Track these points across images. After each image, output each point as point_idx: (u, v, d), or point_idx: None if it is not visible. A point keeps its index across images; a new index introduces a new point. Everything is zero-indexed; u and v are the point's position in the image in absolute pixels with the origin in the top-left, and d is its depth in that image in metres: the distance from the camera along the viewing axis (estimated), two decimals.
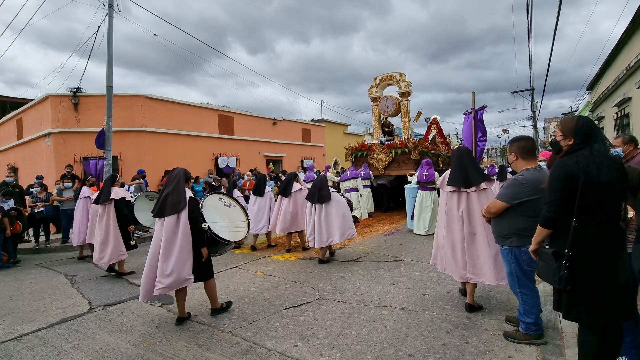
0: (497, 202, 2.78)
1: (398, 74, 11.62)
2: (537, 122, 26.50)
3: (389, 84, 12.03)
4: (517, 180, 2.70)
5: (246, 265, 5.63)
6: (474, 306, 3.44)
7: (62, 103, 10.75)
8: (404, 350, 2.75)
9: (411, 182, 8.45)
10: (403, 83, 11.46)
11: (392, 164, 10.70)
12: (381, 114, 12.16)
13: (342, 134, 23.44)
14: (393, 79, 11.74)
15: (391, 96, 11.96)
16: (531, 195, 2.60)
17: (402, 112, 11.64)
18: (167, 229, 3.31)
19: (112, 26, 8.54)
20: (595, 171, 1.81)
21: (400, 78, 11.55)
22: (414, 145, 10.22)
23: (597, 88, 13.74)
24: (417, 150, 10.16)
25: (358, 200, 9.56)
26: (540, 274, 2.11)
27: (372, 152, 11.01)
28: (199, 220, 3.45)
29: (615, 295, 1.83)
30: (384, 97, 12.03)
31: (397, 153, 10.48)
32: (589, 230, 1.87)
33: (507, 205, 2.71)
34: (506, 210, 2.74)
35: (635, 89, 8.22)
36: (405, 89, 11.45)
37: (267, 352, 2.82)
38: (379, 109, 12.12)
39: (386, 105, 11.90)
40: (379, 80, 12.02)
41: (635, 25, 8.11)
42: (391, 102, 11.84)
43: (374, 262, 5.45)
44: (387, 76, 11.85)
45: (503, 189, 2.81)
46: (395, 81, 11.69)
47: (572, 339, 2.65)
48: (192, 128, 13.12)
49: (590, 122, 2.02)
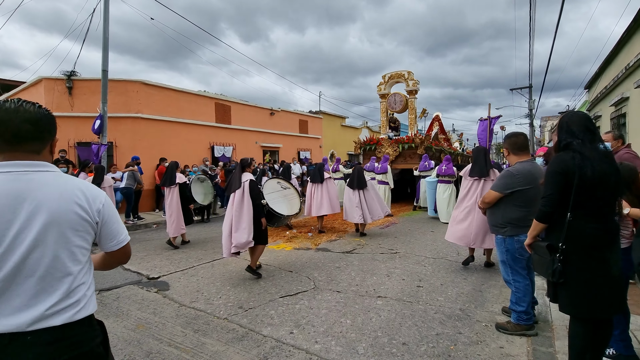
0: (492, 192, 2.94)
1: (406, 72, 12.29)
2: (533, 120, 26.60)
3: (397, 81, 12.66)
4: (510, 171, 2.87)
5: (242, 254, 5.65)
6: (490, 263, 4.67)
7: (56, 87, 10.55)
8: (397, 339, 2.80)
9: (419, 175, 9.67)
10: (411, 81, 12.13)
11: (398, 158, 11.37)
12: (389, 110, 12.83)
13: (340, 126, 23.36)
14: (401, 77, 12.41)
15: (399, 93, 12.66)
16: (523, 185, 2.76)
17: (409, 109, 12.34)
18: (236, 203, 4.31)
19: (108, 7, 8.36)
20: (589, 166, 1.83)
21: (408, 76, 12.22)
22: (420, 141, 10.95)
23: (595, 87, 13.80)
24: (423, 146, 10.85)
25: None
26: (535, 267, 2.15)
27: (380, 147, 11.70)
28: (258, 197, 4.43)
29: (608, 289, 1.86)
30: (393, 94, 12.73)
31: (405, 148, 11.18)
32: (583, 225, 1.89)
33: (501, 195, 2.86)
34: (500, 201, 2.89)
35: (633, 89, 8.26)
36: (412, 87, 12.12)
37: (263, 338, 2.85)
38: (387, 105, 12.79)
39: (394, 102, 12.60)
40: (387, 77, 12.68)
41: (636, 25, 8.11)
42: (399, 99, 12.55)
43: (369, 254, 5.50)
44: (396, 74, 12.53)
45: (497, 180, 3.01)
46: (403, 79, 12.37)
47: (562, 331, 2.72)
48: (189, 116, 12.98)
49: (587, 117, 2.03)
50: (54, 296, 1.05)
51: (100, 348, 1.15)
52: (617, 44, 9.78)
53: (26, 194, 1.05)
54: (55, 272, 1.06)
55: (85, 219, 1.13)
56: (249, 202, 4.27)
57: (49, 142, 1.16)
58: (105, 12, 8.34)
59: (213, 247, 6.18)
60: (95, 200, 1.17)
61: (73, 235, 1.10)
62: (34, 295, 1.03)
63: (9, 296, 1.01)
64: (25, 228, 1.03)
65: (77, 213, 1.11)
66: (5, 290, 1.01)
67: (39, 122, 1.10)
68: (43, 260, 1.05)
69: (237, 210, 4.27)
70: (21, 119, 1.06)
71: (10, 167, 1.06)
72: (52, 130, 1.16)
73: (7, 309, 1.00)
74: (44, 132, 1.12)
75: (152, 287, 4.16)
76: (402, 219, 8.98)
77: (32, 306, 1.02)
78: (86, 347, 1.09)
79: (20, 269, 1.02)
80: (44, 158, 1.14)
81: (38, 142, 1.11)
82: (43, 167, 1.11)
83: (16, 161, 1.07)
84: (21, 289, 1.02)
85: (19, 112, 1.07)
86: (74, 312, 1.07)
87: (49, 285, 1.05)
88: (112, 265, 1.34)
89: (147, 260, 5.38)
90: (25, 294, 1.02)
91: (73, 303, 1.08)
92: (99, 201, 1.18)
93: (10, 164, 1.06)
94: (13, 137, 1.06)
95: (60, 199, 1.08)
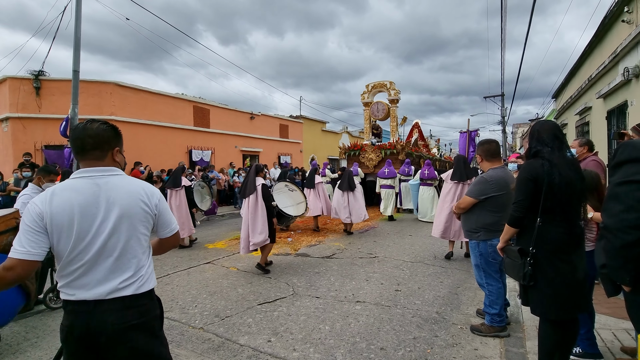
0: (467, 198, 3.00)
1: (388, 82, 13.05)
2: (506, 127, 27.71)
3: (380, 90, 13.40)
4: (484, 177, 2.94)
5: (219, 261, 5.52)
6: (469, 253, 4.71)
7: (22, 86, 10.01)
8: (376, 344, 2.80)
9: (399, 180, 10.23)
10: (393, 91, 12.91)
11: (381, 163, 11.81)
12: (372, 117, 13.55)
13: (320, 131, 23.43)
14: (384, 86, 13.17)
15: (382, 102, 13.38)
16: (496, 191, 2.84)
17: (391, 117, 13.09)
18: (250, 205, 4.78)
19: (80, 5, 8.04)
20: (557, 173, 1.91)
21: (390, 86, 12.99)
22: (401, 147, 11.71)
23: (562, 96, 14.55)
24: (404, 152, 11.61)
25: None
26: (507, 270, 2.21)
27: (363, 152, 12.35)
28: (270, 199, 4.88)
29: (575, 290, 1.94)
30: (375, 103, 13.46)
31: (387, 153, 11.77)
32: (551, 229, 1.97)
33: (476, 201, 2.93)
34: (474, 207, 2.96)
35: (595, 99, 8.77)
36: (394, 96, 12.89)
37: (240, 347, 2.78)
38: (370, 113, 13.51)
39: (377, 110, 13.34)
40: (371, 87, 13.43)
41: (597, 40, 8.64)
42: (382, 107, 13.30)
43: (348, 259, 5.51)
44: (379, 84, 13.30)
45: (472, 187, 3.06)
46: (385, 89, 13.13)
47: (533, 331, 2.81)
48: (166, 119, 12.65)
49: (556, 126, 2.13)
50: (125, 273, 1.36)
51: (157, 321, 1.46)
52: (580, 56, 10.38)
53: (103, 193, 1.35)
54: (127, 254, 1.37)
55: (147, 212, 1.43)
56: (262, 205, 4.78)
57: (109, 151, 1.43)
58: (77, 10, 8.01)
59: (189, 254, 6.01)
60: (153, 196, 1.46)
61: (139, 225, 1.40)
62: (111, 272, 1.34)
63: (93, 272, 1.32)
64: (105, 220, 1.34)
65: (141, 207, 1.40)
66: (90, 267, 1.32)
67: (98, 136, 1.40)
68: (118, 244, 1.35)
69: (252, 212, 4.75)
70: (86, 135, 1.39)
71: (90, 172, 1.38)
72: (111, 142, 1.44)
73: (91, 282, 1.32)
74: (102, 143, 1.41)
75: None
76: (381, 222, 9.08)
77: (110, 280, 1.33)
78: (149, 316, 1.41)
79: (102, 251, 1.33)
80: (108, 163, 1.43)
81: (98, 151, 1.40)
82: (113, 172, 1.42)
83: (93, 167, 1.38)
84: (102, 266, 1.33)
85: (86, 129, 1.39)
86: (139, 285, 1.38)
87: (122, 264, 1.36)
88: (167, 249, 1.63)
89: None
90: (104, 270, 1.33)
91: (139, 278, 1.38)
92: (155, 197, 1.47)
93: (90, 170, 1.38)
94: (82, 149, 1.39)
95: (128, 197, 1.39)
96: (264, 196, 4.78)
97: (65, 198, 1.31)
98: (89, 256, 1.32)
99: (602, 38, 8.38)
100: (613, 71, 7.55)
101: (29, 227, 1.28)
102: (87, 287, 1.32)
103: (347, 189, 7.32)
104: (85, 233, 1.32)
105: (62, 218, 1.30)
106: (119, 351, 1.33)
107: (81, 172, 1.38)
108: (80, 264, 1.32)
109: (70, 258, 1.31)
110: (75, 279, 1.32)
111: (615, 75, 7.16)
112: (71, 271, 1.32)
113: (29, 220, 1.29)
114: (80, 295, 1.31)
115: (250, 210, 4.76)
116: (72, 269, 1.32)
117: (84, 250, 1.32)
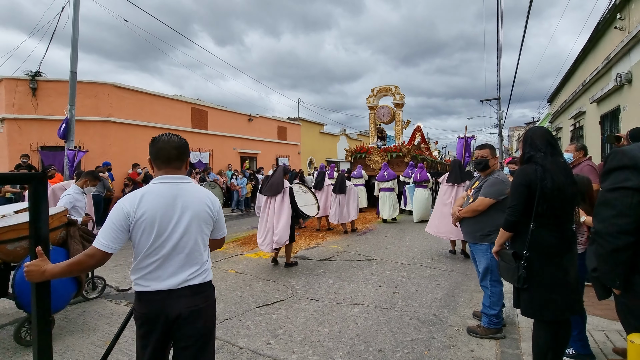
0: (484, 199, 2.93)
1: (394, 86, 13.18)
2: (502, 130, 27.94)
3: (385, 94, 13.54)
4: (499, 178, 2.98)
5: (218, 263, 5.54)
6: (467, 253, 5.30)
7: (18, 87, 9.97)
8: (374, 346, 2.84)
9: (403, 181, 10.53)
10: (398, 95, 13.05)
11: None
12: (377, 121, 13.73)
13: (318, 133, 23.48)
14: (389, 90, 13.29)
15: (387, 106, 13.55)
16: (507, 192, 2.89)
17: (395, 121, 13.25)
18: (277, 204, 5.03)
19: (78, 6, 8.05)
20: (550, 178, 1.97)
21: (395, 90, 13.13)
22: (407, 150, 11.95)
23: (556, 100, 14.72)
24: (409, 155, 11.88)
25: None
26: (502, 273, 2.26)
27: (370, 155, 12.65)
28: (295, 202, 5.17)
29: (567, 293, 2.00)
30: (381, 107, 13.63)
31: (393, 156, 12.09)
32: (544, 233, 2.02)
33: (494, 202, 2.90)
34: (489, 209, 2.93)
35: (589, 104, 8.91)
36: (399, 100, 13.03)
37: (239, 350, 2.81)
38: (375, 117, 13.69)
39: (382, 113, 13.54)
40: (376, 91, 13.56)
41: (591, 45, 8.78)
42: (387, 111, 13.49)
43: (346, 261, 5.54)
44: (384, 88, 13.42)
45: (488, 188, 2.96)
46: (390, 93, 13.26)
47: (528, 333, 2.86)
48: (163, 121, 12.63)
49: (548, 132, 2.19)
50: (194, 267, 1.59)
51: (215, 306, 1.72)
52: (574, 61, 10.53)
53: (179, 197, 1.57)
54: (195, 251, 1.59)
55: (211, 216, 1.66)
56: (288, 206, 5.04)
57: (185, 161, 1.67)
58: (75, 11, 8.02)
59: None
60: (216, 203, 1.70)
61: (204, 226, 1.63)
62: (182, 266, 1.56)
63: (167, 266, 1.54)
64: (180, 220, 1.55)
65: (207, 211, 1.63)
66: (165, 261, 1.53)
67: (180, 148, 1.63)
68: (189, 242, 1.57)
69: (277, 212, 5.00)
70: (170, 147, 1.60)
71: (170, 179, 1.60)
72: (188, 153, 1.69)
73: (165, 274, 1.53)
74: (183, 154, 1.64)
75: (122, 300, 3.99)
76: (379, 225, 9.14)
77: (181, 273, 1.55)
78: (211, 300, 1.67)
79: (175, 248, 1.54)
80: (184, 172, 1.66)
81: (179, 161, 1.63)
82: (187, 180, 1.65)
83: (172, 175, 1.60)
84: (174, 261, 1.54)
85: (170, 142, 1.61)
86: (204, 276, 1.62)
87: (191, 259, 1.58)
88: (214, 248, 1.82)
89: (117, 271, 5.15)
90: (176, 264, 1.55)
91: (203, 271, 1.62)
92: (217, 204, 1.72)
93: (169, 177, 1.60)
94: (167, 159, 1.60)
95: (198, 202, 1.61)
96: (291, 199, 5.07)
97: (151, 200, 1.52)
98: (165, 251, 1.52)
99: (596, 44, 8.53)
100: (606, 76, 7.68)
101: (115, 225, 1.47)
102: (160, 279, 1.52)
103: (338, 192, 7.87)
104: (163, 230, 1.52)
105: (148, 218, 1.50)
106: (187, 330, 1.55)
107: (163, 178, 1.59)
108: (157, 258, 1.52)
109: (149, 252, 1.52)
110: (151, 272, 1.52)
111: (609, 80, 7.28)
112: (147, 264, 1.52)
113: (116, 218, 1.48)
114: (155, 287, 1.52)
115: (276, 210, 5.02)
116: (149, 262, 1.52)
117: (161, 246, 1.52)
